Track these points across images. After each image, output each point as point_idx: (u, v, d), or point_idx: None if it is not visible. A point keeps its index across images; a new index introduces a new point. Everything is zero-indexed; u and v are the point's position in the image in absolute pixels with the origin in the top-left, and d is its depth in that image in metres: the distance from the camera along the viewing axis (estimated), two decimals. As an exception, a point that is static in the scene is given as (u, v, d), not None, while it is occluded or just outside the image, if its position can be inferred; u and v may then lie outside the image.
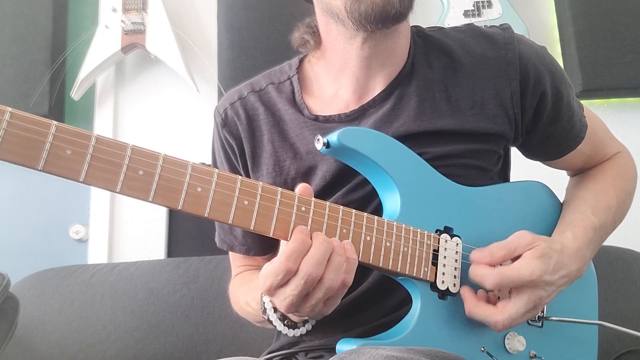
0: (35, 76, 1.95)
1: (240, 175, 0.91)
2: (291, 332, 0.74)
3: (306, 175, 0.86)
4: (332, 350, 0.74)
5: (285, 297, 0.64)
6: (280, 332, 0.93)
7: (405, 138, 0.80)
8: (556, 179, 1.01)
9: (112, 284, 1.45)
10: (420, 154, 0.79)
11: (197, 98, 2.04)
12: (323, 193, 0.83)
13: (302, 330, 0.75)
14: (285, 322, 0.74)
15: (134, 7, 1.95)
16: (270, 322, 0.74)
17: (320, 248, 0.63)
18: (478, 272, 0.74)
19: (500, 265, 0.75)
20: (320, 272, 0.62)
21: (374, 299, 0.83)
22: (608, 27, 1.87)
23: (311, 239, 0.64)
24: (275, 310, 0.74)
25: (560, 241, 0.80)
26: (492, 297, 0.77)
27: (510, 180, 0.98)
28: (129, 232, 1.99)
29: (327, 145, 0.73)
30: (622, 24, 1.87)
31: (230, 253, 1.01)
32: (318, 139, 0.74)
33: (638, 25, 1.87)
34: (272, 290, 0.65)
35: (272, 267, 0.63)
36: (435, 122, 0.83)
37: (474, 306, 0.74)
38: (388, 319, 0.80)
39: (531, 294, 0.73)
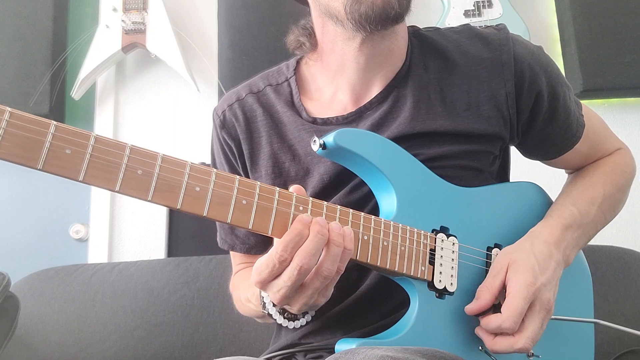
0: (35, 76, 1.96)
1: (240, 176, 0.91)
2: (292, 325, 0.75)
3: (304, 177, 0.86)
4: (331, 351, 0.74)
5: (278, 289, 0.64)
6: (279, 332, 0.94)
7: (401, 139, 0.81)
8: (557, 179, 1.02)
9: (112, 284, 1.45)
10: (415, 155, 0.80)
11: (197, 98, 2.04)
12: (321, 195, 0.84)
13: (302, 321, 0.76)
14: (285, 314, 0.75)
15: (134, 7, 1.96)
16: (270, 315, 0.75)
17: (314, 240, 0.62)
18: (493, 325, 0.73)
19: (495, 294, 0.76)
20: (314, 263, 0.62)
21: (373, 301, 0.83)
22: (608, 27, 1.88)
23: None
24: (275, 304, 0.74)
25: (526, 239, 0.81)
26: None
27: (510, 180, 0.98)
28: (129, 232, 1.99)
29: (324, 146, 0.73)
30: (622, 24, 1.87)
31: (231, 252, 1.01)
32: (314, 141, 0.74)
33: (638, 25, 1.87)
34: (265, 283, 0.65)
35: (265, 260, 0.63)
36: (430, 123, 0.84)
37: (495, 343, 0.74)
38: (387, 321, 0.80)
39: (539, 303, 0.74)
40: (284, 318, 0.75)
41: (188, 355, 1.35)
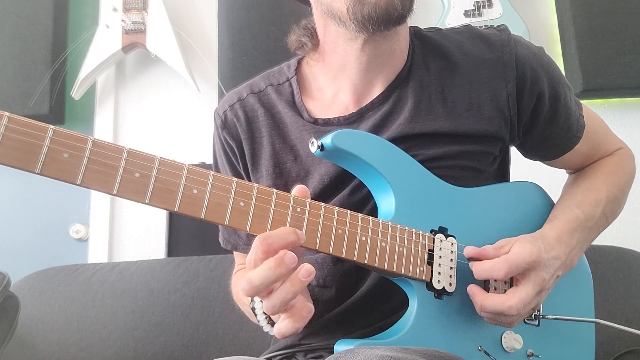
0: (35, 76, 1.96)
1: (242, 177, 0.91)
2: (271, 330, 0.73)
3: (305, 178, 0.86)
4: (331, 352, 0.74)
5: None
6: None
7: (400, 140, 0.81)
8: (557, 179, 1.02)
9: (112, 284, 1.45)
10: (414, 156, 0.79)
11: (197, 98, 2.05)
12: (321, 196, 0.84)
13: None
14: (268, 321, 0.73)
15: (134, 7, 1.96)
16: (255, 312, 0.73)
17: (265, 270, 0.59)
18: (486, 266, 0.74)
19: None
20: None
21: (373, 302, 0.83)
22: (608, 27, 1.88)
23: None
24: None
25: (538, 232, 0.82)
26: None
27: (510, 181, 0.98)
28: (129, 232, 2.00)
29: (322, 148, 0.73)
30: (622, 24, 1.87)
31: (234, 252, 1.01)
32: (312, 142, 0.74)
33: (638, 25, 1.87)
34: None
35: None
36: (430, 124, 0.84)
37: (485, 298, 0.74)
38: (387, 322, 0.80)
39: (535, 276, 0.74)
40: (267, 323, 0.72)
41: (188, 355, 1.35)
